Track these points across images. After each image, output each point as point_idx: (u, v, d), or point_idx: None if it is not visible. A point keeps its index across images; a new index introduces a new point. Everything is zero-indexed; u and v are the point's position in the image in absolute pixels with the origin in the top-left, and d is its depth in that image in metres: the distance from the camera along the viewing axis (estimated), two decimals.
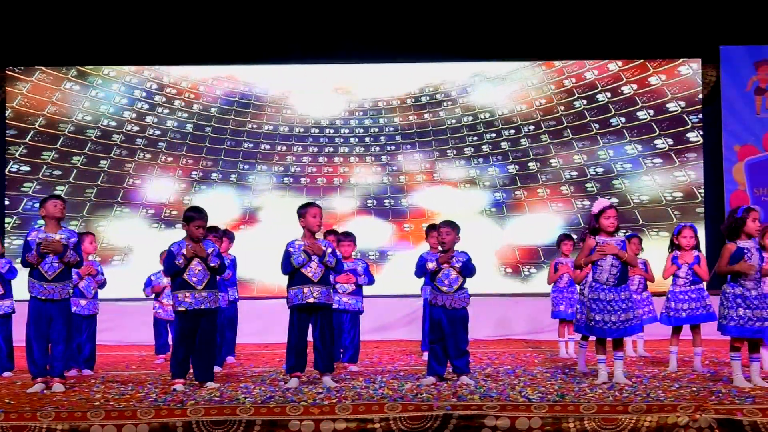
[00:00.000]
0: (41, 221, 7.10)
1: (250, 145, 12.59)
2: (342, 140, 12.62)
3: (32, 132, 12.36)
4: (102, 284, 8.33)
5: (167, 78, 12.70)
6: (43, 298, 6.76)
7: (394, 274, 11.66)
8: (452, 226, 7.14)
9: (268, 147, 12.58)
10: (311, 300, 6.85)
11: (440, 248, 7.14)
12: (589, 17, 12.23)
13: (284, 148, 12.59)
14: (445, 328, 7.00)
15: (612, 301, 6.72)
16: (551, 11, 12.21)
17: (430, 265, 7.04)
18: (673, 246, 8.01)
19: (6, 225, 12.14)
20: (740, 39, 12.37)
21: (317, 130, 12.63)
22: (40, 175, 12.28)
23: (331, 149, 12.60)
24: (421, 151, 12.60)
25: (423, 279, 7.54)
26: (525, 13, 12.22)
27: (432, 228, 7.26)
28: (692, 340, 7.81)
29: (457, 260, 7.08)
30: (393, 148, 12.60)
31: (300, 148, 12.58)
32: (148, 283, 9.34)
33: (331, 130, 12.63)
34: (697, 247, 8.03)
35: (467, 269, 7.06)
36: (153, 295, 9.34)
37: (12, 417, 5.38)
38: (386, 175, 12.57)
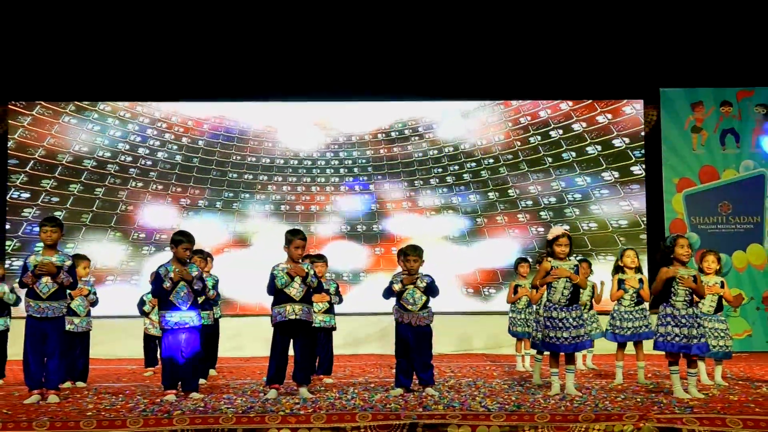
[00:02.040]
0: (40, 244, 7.05)
1: (235, 175, 12.56)
2: (319, 171, 12.61)
3: (32, 162, 12.26)
4: (94, 303, 8.28)
5: (158, 113, 12.66)
6: (38, 316, 6.68)
7: (367, 293, 11.59)
8: (418, 253, 7.17)
9: (251, 177, 12.56)
10: (293, 317, 6.83)
11: (407, 272, 7.13)
12: (543, 62, 12.36)
13: (266, 178, 12.56)
14: (411, 344, 7.01)
15: (564, 319, 6.77)
16: (510, 56, 12.33)
17: (396, 287, 7.04)
18: (618, 268, 8.10)
19: (7, 247, 12.00)
20: (678, 82, 12.54)
21: (297, 162, 12.62)
22: (39, 202, 12.17)
23: (309, 179, 12.59)
24: (391, 181, 12.63)
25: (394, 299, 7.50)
26: (486, 57, 12.34)
27: (402, 253, 7.25)
28: (636, 355, 7.87)
29: (421, 281, 7.10)
30: (366, 178, 12.63)
31: (281, 178, 12.56)
32: (141, 303, 9.23)
33: (309, 162, 12.62)
34: (639, 270, 8.11)
35: (431, 290, 7.09)
36: (143, 312, 9.25)
37: (9, 426, 5.32)
38: (359, 203, 12.58)
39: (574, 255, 9.38)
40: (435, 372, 7.26)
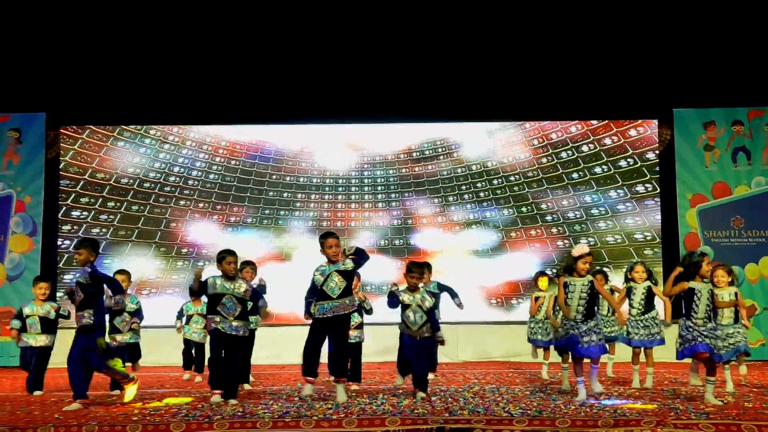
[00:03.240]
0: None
1: (272, 194, 12.63)
2: (354, 189, 12.66)
3: (82, 182, 12.41)
4: (135, 313, 8.41)
5: (199, 136, 12.77)
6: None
7: None
8: (421, 270, 7.19)
9: (287, 195, 12.62)
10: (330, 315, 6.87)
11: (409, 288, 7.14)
12: (563, 85, 12.37)
13: (302, 196, 12.62)
14: (411, 353, 7.01)
15: (583, 331, 6.73)
16: (532, 80, 12.35)
17: (400, 297, 7.05)
18: (627, 280, 8.14)
19: (59, 262, 12.15)
20: (691, 103, 12.45)
21: (332, 181, 12.68)
22: (89, 219, 12.30)
23: (343, 197, 12.64)
24: (419, 198, 12.63)
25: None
26: (509, 81, 12.37)
27: (406, 269, 7.26)
28: (645, 362, 7.86)
29: (423, 299, 7.09)
30: (396, 195, 12.64)
31: (316, 196, 12.62)
32: (180, 312, 9.31)
33: (344, 180, 12.68)
34: (649, 279, 8.12)
35: (431, 315, 7.08)
36: (183, 321, 9.29)
37: (60, 430, 5.36)
38: (391, 218, 12.58)
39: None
40: (461, 378, 7.24)
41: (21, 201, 12.23)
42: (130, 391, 6.95)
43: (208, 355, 7.30)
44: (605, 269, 10.21)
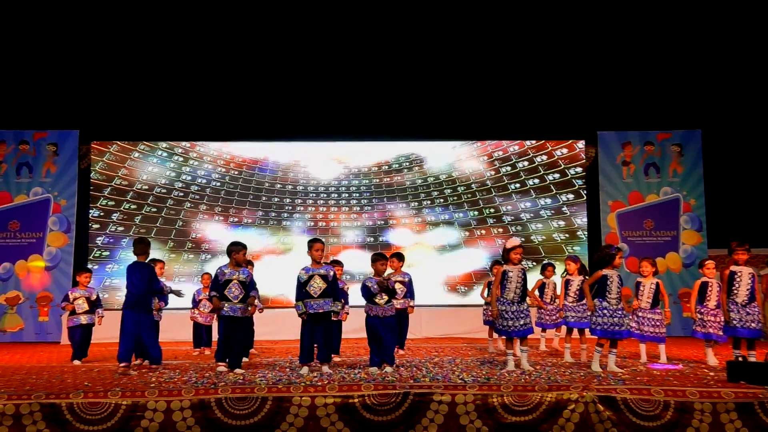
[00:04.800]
0: None
1: (266, 199, 12.56)
2: (338, 195, 12.61)
3: (109, 188, 12.27)
4: (162, 297, 8.35)
5: (207, 150, 12.68)
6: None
7: None
8: (383, 258, 7.09)
9: (282, 200, 12.55)
10: (311, 312, 6.72)
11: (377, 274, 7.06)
12: (510, 111, 12.53)
13: (295, 201, 12.55)
14: (380, 331, 6.85)
15: (515, 311, 6.69)
16: (485, 107, 12.51)
17: (375, 289, 6.90)
18: (565, 272, 8.15)
19: (90, 255, 12.01)
20: (612, 126, 12.61)
21: (320, 188, 12.62)
22: (114, 219, 12.16)
23: (330, 202, 12.59)
24: (394, 203, 12.63)
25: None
26: (467, 108, 12.52)
27: (379, 257, 7.16)
28: (579, 339, 7.87)
29: (392, 283, 7.11)
30: (375, 200, 12.61)
31: (307, 201, 12.54)
32: (193, 298, 9.22)
33: (331, 188, 12.63)
34: (582, 272, 8.12)
35: (411, 288, 7.31)
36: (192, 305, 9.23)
37: (89, 396, 5.30)
38: (369, 220, 12.56)
39: (531, 262, 9.40)
40: (423, 351, 7.22)
41: (57, 203, 12.06)
42: None
43: (214, 334, 7.27)
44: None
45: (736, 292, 6.95)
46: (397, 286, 8.00)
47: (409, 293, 8.27)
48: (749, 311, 6.87)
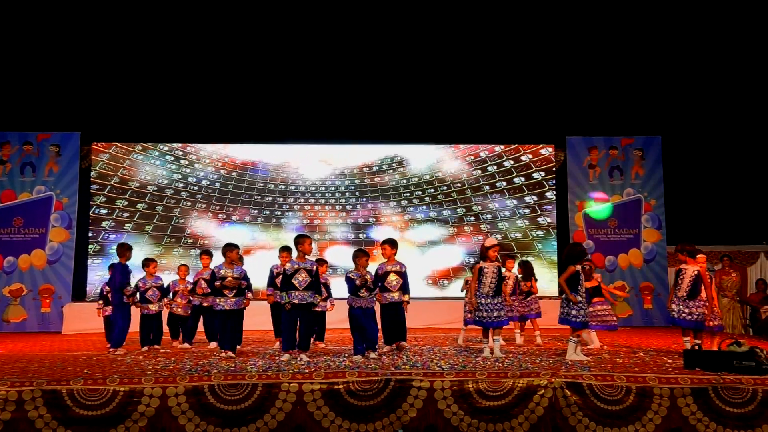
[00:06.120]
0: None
1: (258, 197, 12.49)
2: (326, 194, 12.58)
3: (109, 187, 12.14)
4: (164, 292, 8.34)
5: (202, 151, 12.58)
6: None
7: None
8: (365, 255, 7.12)
9: (273, 198, 12.49)
10: (296, 302, 6.71)
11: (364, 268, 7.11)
12: (485, 117, 12.56)
13: (285, 199, 12.50)
14: (363, 322, 6.85)
15: (489, 303, 6.76)
16: (461, 114, 12.54)
17: (358, 282, 6.93)
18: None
19: (89, 250, 11.86)
20: (579, 132, 12.69)
21: (310, 188, 12.57)
22: (114, 216, 12.03)
23: (319, 200, 12.55)
24: (378, 202, 12.61)
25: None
26: (444, 114, 12.54)
27: (361, 253, 7.19)
28: (533, 327, 8.28)
29: (371, 275, 7.17)
30: (362, 200, 12.59)
31: (296, 200, 12.50)
32: (169, 289, 8.68)
33: (319, 188, 12.58)
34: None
35: (406, 281, 7.27)
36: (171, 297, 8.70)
37: (89, 383, 5.24)
38: (355, 218, 12.54)
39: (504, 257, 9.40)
40: (403, 341, 7.23)
41: (59, 201, 11.89)
42: None
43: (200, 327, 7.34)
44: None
45: (679, 285, 7.04)
46: (392, 276, 7.36)
47: (404, 286, 7.45)
48: (690, 305, 6.93)
